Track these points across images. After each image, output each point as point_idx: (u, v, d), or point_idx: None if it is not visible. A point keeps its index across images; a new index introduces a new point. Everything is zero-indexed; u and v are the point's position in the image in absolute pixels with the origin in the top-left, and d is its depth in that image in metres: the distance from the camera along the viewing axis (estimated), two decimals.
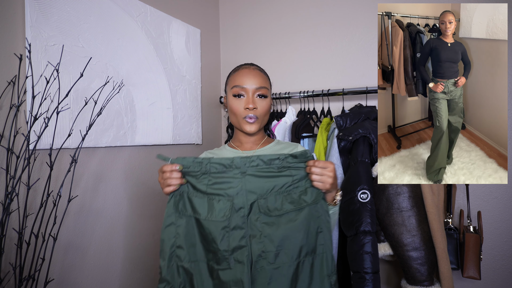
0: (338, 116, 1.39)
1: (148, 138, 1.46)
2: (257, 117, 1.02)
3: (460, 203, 1.47)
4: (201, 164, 0.89)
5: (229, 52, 2.03)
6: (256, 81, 1.02)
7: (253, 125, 1.02)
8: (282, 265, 0.83)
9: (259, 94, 1.02)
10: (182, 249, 0.87)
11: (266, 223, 0.86)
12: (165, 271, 0.86)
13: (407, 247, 1.22)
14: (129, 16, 1.37)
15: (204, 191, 0.88)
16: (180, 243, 0.87)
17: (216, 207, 0.86)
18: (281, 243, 0.84)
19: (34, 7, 1.03)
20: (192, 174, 0.89)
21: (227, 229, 0.85)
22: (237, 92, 1.02)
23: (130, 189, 1.39)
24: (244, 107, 1.01)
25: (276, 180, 0.88)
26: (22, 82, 1.00)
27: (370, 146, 1.34)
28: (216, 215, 0.86)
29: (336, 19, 1.73)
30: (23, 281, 0.90)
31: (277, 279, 0.82)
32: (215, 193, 0.87)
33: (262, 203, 0.87)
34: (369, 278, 1.17)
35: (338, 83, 1.73)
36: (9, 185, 0.89)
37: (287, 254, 0.84)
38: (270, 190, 0.87)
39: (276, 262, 0.83)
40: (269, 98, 1.04)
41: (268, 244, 0.84)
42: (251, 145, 1.09)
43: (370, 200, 1.22)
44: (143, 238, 1.44)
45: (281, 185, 0.88)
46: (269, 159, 0.88)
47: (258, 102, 1.02)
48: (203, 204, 0.88)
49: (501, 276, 1.43)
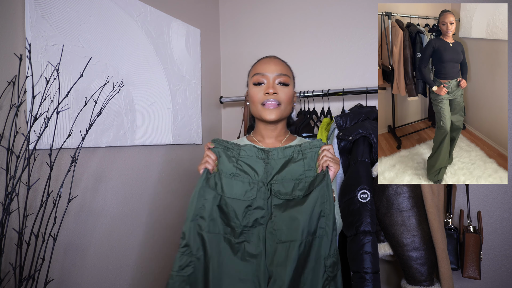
0: (338, 116, 1.39)
1: (148, 138, 1.46)
2: (279, 103, 0.99)
3: (460, 203, 1.47)
4: (232, 150, 1.00)
5: (229, 52, 2.03)
6: (277, 68, 1.00)
7: (273, 112, 0.99)
8: (288, 243, 0.89)
9: (280, 81, 0.99)
10: (203, 220, 0.94)
11: (276, 205, 0.95)
12: (188, 235, 0.94)
13: (407, 247, 1.22)
14: (129, 16, 1.37)
15: (234, 173, 0.99)
16: (203, 214, 0.95)
17: (242, 188, 0.97)
18: (288, 222, 0.91)
19: (34, 7, 1.02)
20: (226, 156, 1.00)
21: (249, 208, 0.95)
22: (257, 79, 1.00)
23: (130, 189, 1.39)
24: (264, 93, 0.98)
25: (290, 169, 0.98)
26: (22, 82, 1.00)
27: (370, 146, 1.34)
28: (242, 195, 0.96)
29: (336, 19, 1.73)
30: (23, 281, 0.90)
31: (283, 254, 0.89)
32: (241, 174, 0.98)
33: (275, 187, 0.97)
34: (369, 278, 1.17)
35: (338, 83, 1.73)
36: (9, 185, 0.89)
37: (293, 233, 0.89)
38: (284, 177, 0.98)
39: (284, 240, 0.90)
40: (291, 87, 1.02)
41: (278, 223, 0.92)
42: (273, 141, 1.06)
43: (370, 200, 1.22)
44: (143, 238, 1.44)
45: (294, 174, 0.98)
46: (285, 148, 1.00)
47: (279, 88, 0.99)
48: (230, 183, 0.98)
49: (501, 276, 1.43)
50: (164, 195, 1.57)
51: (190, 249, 0.93)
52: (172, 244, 1.61)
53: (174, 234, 1.62)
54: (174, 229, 1.62)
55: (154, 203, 1.51)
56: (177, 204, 1.65)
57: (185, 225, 0.94)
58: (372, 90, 1.51)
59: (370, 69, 1.66)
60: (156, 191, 1.52)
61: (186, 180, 1.70)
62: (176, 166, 1.64)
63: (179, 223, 1.66)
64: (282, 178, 0.98)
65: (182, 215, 1.67)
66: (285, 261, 0.87)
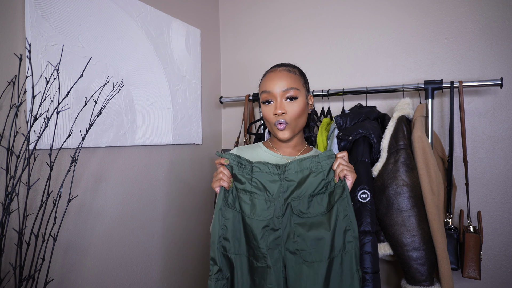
0: (338, 116, 1.39)
1: (148, 138, 1.46)
2: (287, 122, 0.96)
3: (460, 203, 1.47)
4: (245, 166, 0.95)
5: (229, 52, 2.03)
6: (283, 83, 0.96)
7: (285, 132, 0.97)
8: (316, 263, 0.87)
9: (288, 96, 0.96)
10: (228, 241, 0.92)
11: (299, 224, 0.91)
12: (218, 260, 0.91)
13: (407, 247, 1.22)
14: (129, 16, 1.37)
15: (249, 190, 0.94)
16: (226, 235, 0.92)
17: (258, 206, 0.92)
18: (313, 242, 0.88)
19: (34, 7, 1.02)
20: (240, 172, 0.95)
21: (267, 228, 0.91)
22: (265, 98, 0.98)
23: (130, 189, 1.39)
24: (273, 113, 0.96)
25: (309, 183, 0.93)
26: (22, 82, 1.00)
27: (370, 146, 1.34)
28: (259, 215, 0.91)
29: (336, 19, 1.73)
30: (23, 281, 0.90)
31: (311, 276, 0.87)
32: (257, 192, 0.93)
33: (295, 205, 0.92)
34: (369, 278, 1.17)
35: (338, 83, 1.73)
36: (9, 185, 0.89)
37: (319, 253, 0.87)
38: (304, 192, 0.92)
39: (310, 260, 0.88)
40: (300, 99, 0.97)
41: (301, 243, 0.89)
42: (291, 150, 1.04)
43: (370, 200, 1.22)
44: (143, 238, 1.44)
45: (313, 187, 0.93)
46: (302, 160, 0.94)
47: (287, 105, 0.96)
48: (247, 201, 0.93)
49: (501, 276, 1.43)
50: (164, 195, 1.57)
51: (222, 273, 0.91)
52: (172, 244, 1.61)
53: (174, 234, 1.62)
54: (174, 229, 1.62)
55: (154, 203, 1.51)
56: (177, 204, 1.65)
57: (212, 251, 0.91)
58: (372, 90, 1.51)
59: (370, 69, 1.66)
60: (156, 191, 1.52)
61: (186, 180, 1.70)
62: (176, 166, 1.64)
63: (179, 223, 1.66)
64: (302, 193, 0.92)
65: (182, 215, 1.68)
66: (315, 283, 0.86)
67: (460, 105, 1.34)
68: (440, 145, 1.44)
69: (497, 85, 1.31)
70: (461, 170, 1.46)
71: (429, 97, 1.38)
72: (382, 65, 1.63)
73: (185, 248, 1.69)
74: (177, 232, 1.64)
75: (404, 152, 1.28)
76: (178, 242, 1.65)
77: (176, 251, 1.63)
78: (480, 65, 1.45)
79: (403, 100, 1.39)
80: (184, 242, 1.69)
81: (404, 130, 1.32)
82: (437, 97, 1.51)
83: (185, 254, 1.69)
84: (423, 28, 1.55)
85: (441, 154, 1.42)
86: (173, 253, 1.61)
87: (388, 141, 1.32)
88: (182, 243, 1.67)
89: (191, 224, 1.74)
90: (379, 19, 1.63)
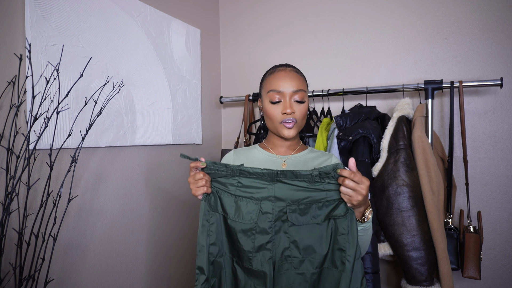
0: (338, 116, 1.39)
1: (148, 138, 1.46)
2: (296, 121, 0.97)
3: (460, 203, 1.47)
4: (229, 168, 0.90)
5: (229, 52, 2.03)
6: (293, 83, 0.96)
7: (292, 130, 0.97)
8: (306, 272, 0.86)
9: (297, 99, 0.97)
10: (215, 246, 0.91)
11: (294, 230, 0.87)
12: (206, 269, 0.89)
13: (407, 247, 1.22)
14: (129, 16, 1.37)
15: (233, 193, 0.91)
16: (213, 240, 0.91)
17: (243, 209, 0.89)
18: (306, 251, 0.86)
19: (34, 7, 1.02)
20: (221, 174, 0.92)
21: (252, 231, 0.88)
22: (273, 96, 0.97)
23: (130, 189, 1.39)
24: (282, 112, 0.96)
25: (308, 192, 0.87)
26: (22, 82, 1.00)
27: (370, 146, 1.34)
28: (243, 217, 0.89)
29: (336, 19, 1.73)
30: (23, 281, 0.90)
31: (300, 284, 0.86)
32: (243, 195, 0.90)
33: (291, 212, 0.88)
34: (369, 278, 1.17)
35: (338, 83, 1.73)
36: (9, 185, 0.89)
37: (312, 262, 0.86)
38: (302, 199, 0.87)
39: (301, 268, 0.86)
40: (306, 103, 0.99)
41: (294, 250, 0.87)
42: (286, 150, 1.04)
43: (370, 200, 1.22)
44: (143, 238, 1.44)
45: (314, 197, 0.87)
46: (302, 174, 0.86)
47: (295, 106, 0.97)
48: (231, 204, 0.91)
49: (501, 276, 1.43)
50: (164, 195, 1.57)
51: (209, 283, 0.89)
52: (172, 244, 1.61)
53: (174, 234, 1.62)
54: (174, 229, 1.62)
55: (154, 203, 1.51)
56: (177, 203, 1.65)
57: (199, 260, 0.89)
58: (372, 90, 1.51)
59: (370, 69, 1.66)
60: (156, 191, 1.52)
61: (186, 179, 1.70)
62: (176, 166, 1.64)
63: (179, 223, 1.66)
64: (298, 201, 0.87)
65: (182, 215, 1.68)
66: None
67: (460, 105, 1.34)
68: (440, 145, 1.44)
69: (497, 85, 1.31)
70: (461, 170, 1.46)
71: (429, 97, 1.38)
72: (382, 65, 1.63)
73: (187, 246, 1.69)
74: (177, 231, 1.64)
75: (404, 152, 1.28)
76: (179, 241, 1.65)
77: (177, 250, 1.63)
78: (480, 65, 1.45)
79: (403, 100, 1.40)
80: (185, 241, 1.69)
81: (404, 130, 1.32)
82: (437, 97, 1.51)
83: (188, 252, 1.69)
84: (423, 28, 1.55)
85: (441, 154, 1.42)
86: (173, 252, 1.61)
87: (388, 141, 1.32)
88: (182, 242, 1.67)
89: (192, 224, 1.74)
90: (379, 19, 1.63)
